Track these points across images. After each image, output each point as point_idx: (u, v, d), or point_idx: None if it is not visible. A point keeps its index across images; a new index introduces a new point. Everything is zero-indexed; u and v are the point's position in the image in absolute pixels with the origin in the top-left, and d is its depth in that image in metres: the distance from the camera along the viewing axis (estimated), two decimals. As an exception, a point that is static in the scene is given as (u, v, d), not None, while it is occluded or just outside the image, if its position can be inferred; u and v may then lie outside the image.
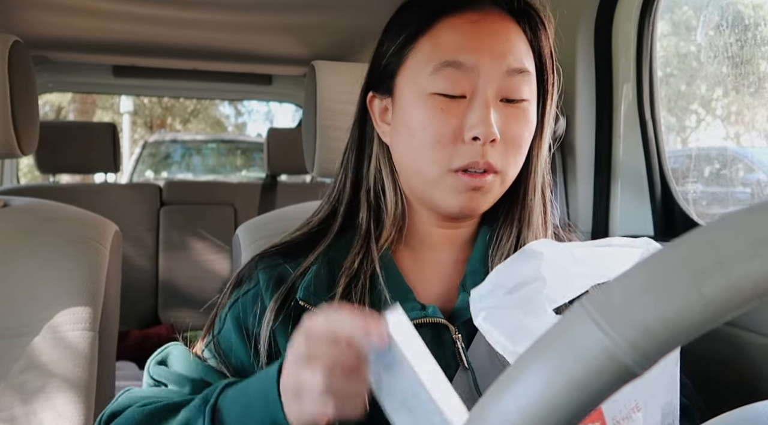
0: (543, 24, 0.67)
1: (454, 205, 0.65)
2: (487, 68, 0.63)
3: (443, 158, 0.63)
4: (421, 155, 0.65)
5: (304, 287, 0.65)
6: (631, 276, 0.26)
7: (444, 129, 0.63)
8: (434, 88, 0.63)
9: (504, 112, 0.64)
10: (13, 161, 2.59)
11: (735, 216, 0.25)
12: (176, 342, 0.70)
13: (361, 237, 0.68)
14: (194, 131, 11.81)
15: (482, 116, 0.62)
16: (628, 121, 1.21)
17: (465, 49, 0.63)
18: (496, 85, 0.63)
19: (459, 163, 0.63)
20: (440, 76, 0.63)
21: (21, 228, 0.95)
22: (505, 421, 0.26)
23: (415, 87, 0.65)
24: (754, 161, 1.76)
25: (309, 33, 1.87)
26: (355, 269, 0.66)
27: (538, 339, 0.27)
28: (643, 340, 0.24)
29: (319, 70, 0.96)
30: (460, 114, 0.63)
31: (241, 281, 0.71)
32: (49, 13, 1.67)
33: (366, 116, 0.72)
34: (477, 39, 0.63)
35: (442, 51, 0.63)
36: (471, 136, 0.62)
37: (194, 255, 2.29)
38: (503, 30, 0.64)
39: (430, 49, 0.64)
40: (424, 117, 0.64)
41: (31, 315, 0.86)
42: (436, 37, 0.64)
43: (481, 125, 0.61)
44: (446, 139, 0.63)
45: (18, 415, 0.82)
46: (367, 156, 0.72)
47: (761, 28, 1.19)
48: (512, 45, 0.64)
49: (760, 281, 0.23)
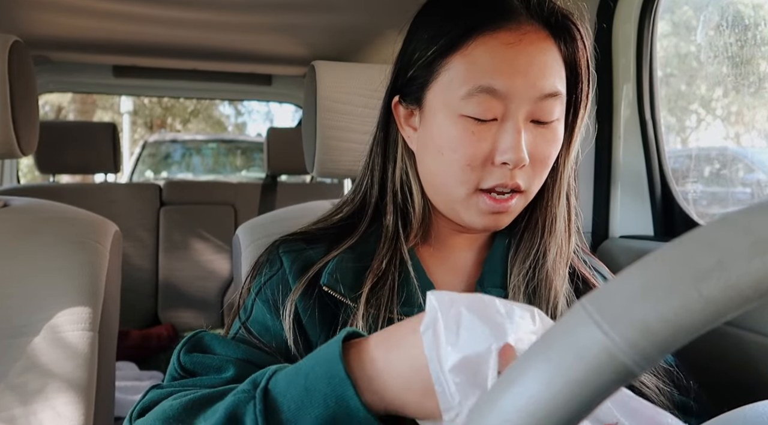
0: (580, 36, 0.66)
1: (478, 223, 0.66)
2: (520, 94, 0.62)
3: (472, 180, 0.64)
4: (450, 175, 0.65)
5: (329, 273, 0.66)
6: (631, 276, 0.26)
7: (475, 153, 0.63)
8: (466, 112, 0.62)
9: (533, 133, 0.64)
10: (13, 161, 2.59)
11: (735, 216, 0.25)
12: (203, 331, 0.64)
13: (389, 239, 0.69)
14: (194, 131, 11.82)
15: (514, 141, 0.61)
16: (628, 121, 1.21)
17: (501, 76, 0.61)
18: (528, 109, 0.63)
19: (487, 185, 0.64)
20: (474, 101, 0.62)
21: (21, 228, 0.95)
22: (505, 421, 0.26)
23: (447, 106, 0.64)
24: (754, 161, 1.76)
25: (309, 33, 1.87)
26: (383, 269, 0.66)
27: (538, 339, 0.27)
28: (643, 340, 0.24)
29: (319, 70, 0.96)
30: (491, 138, 0.63)
31: (261, 267, 0.70)
32: (49, 13, 1.67)
33: (390, 118, 0.72)
34: (513, 64, 0.62)
35: (477, 74, 0.62)
36: (501, 161, 0.62)
37: (194, 255, 2.29)
38: (539, 53, 0.63)
39: (464, 70, 0.63)
40: (455, 138, 0.63)
41: (30, 315, 0.86)
42: (471, 57, 0.63)
43: (512, 151, 0.61)
44: (476, 162, 0.63)
45: (17, 415, 0.82)
46: (392, 159, 0.72)
47: (761, 28, 1.19)
48: (547, 69, 0.63)
49: (760, 282, 0.23)
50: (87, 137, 2.29)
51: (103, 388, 0.91)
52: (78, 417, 0.83)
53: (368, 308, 0.64)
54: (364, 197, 0.73)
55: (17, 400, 0.82)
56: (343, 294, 0.65)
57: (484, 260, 0.73)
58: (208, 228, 2.33)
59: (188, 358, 0.59)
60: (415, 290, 0.67)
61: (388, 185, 0.72)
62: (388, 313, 0.64)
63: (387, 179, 0.72)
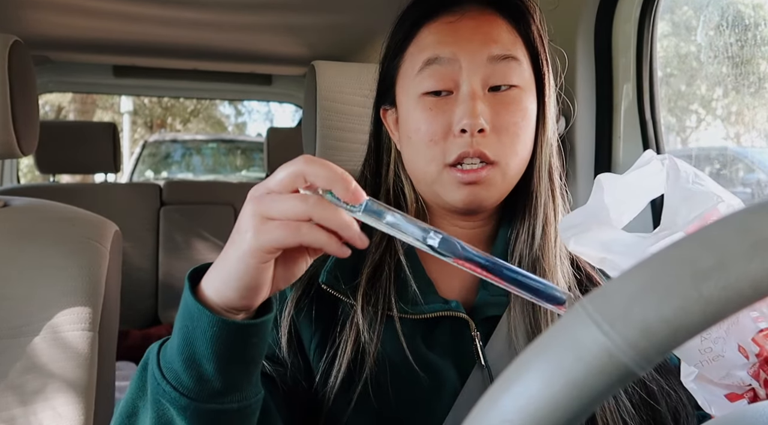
0: (527, 10, 0.68)
1: (457, 200, 0.66)
2: (467, 59, 0.64)
3: (437, 155, 0.65)
4: (419, 156, 0.66)
5: (327, 271, 0.66)
6: (631, 276, 0.26)
7: (434, 127, 0.64)
8: (422, 88, 0.65)
9: (492, 101, 0.64)
10: (13, 161, 2.59)
11: (735, 216, 0.25)
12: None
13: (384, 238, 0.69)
14: (194, 131, 11.82)
15: (468, 108, 0.63)
16: (628, 121, 1.21)
17: (443, 45, 0.65)
18: (480, 75, 0.64)
19: (451, 157, 0.64)
20: (425, 75, 0.65)
21: (21, 228, 0.95)
22: (505, 421, 0.26)
23: (408, 92, 0.67)
24: (754, 161, 1.76)
25: (309, 33, 1.87)
26: (377, 260, 0.67)
27: (537, 339, 0.28)
28: (643, 340, 0.24)
29: (319, 70, 0.96)
30: (449, 110, 0.64)
31: None
32: (49, 13, 1.67)
33: (380, 127, 0.75)
34: (454, 34, 0.65)
35: (424, 52, 0.66)
36: (459, 129, 0.63)
37: (194, 255, 2.29)
38: (483, 23, 0.66)
39: (416, 55, 0.67)
40: (417, 119, 0.66)
41: (31, 315, 0.86)
42: (419, 42, 0.67)
43: (467, 116, 0.62)
44: (438, 136, 0.64)
45: (17, 415, 0.82)
46: (385, 164, 0.74)
47: (761, 28, 1.19)
48: (493, 34, 0.65)
49: (760, 282, 0.23)
50: (87, 137, 2.29)
51: (103, 388, 0.91)
52: (78, 417, 0.83)
53: (366, 304, 0.64)
54: None
55: (17, 400, 0.82)
56: (344, 292, 0.65)
57: None
58: (208, 228, 2.33)
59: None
60: (411, 289, 0.66)
61: (382, 186, 0.73)
62: (387, 311, 0.65)
63: (381, 182, 0.74)
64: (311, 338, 0.65)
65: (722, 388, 0.48)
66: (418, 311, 0.65)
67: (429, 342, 0.66)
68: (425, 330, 0.66)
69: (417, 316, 0.65)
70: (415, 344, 0.64)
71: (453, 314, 0.66)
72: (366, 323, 0.63)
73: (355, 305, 0.65)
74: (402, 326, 0.64)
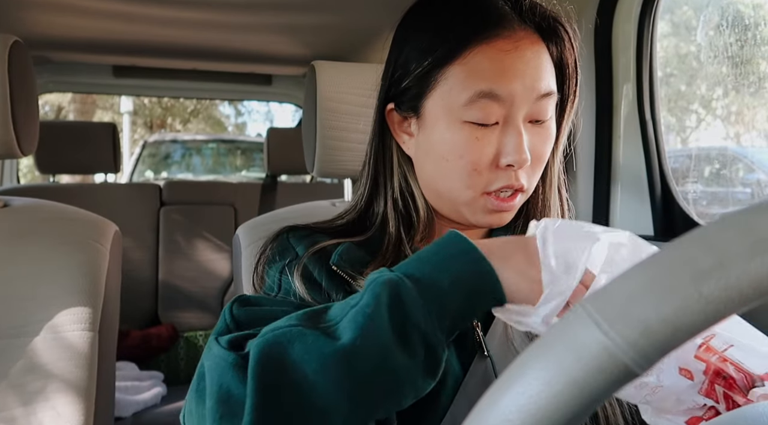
0: (569, 37, 0.69)
1: (483, 223, 0.69)
2: (519, 97, 0.64)
3: (479, 184, 0.66)
4: (456, 180, 0.67)
5: (338, 254, 0.67)
6: (631, 276, 0.26)
7: (480, 158, 0.64)
8: (469, 118, 0.64)
9: (531, 132, 0.66)
10: (13, 161, 2.59)
11: (735, 216, 0.25)
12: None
13: (393, 244, 0.70)
14: (194, 131, 11.82)
15: (516, 144, 0.64)
16: (628, 121, 1.21)
17: (501, 81, 0.63)
18: (526, 110, 0.65)
19: (493, 188, 0.66)
20: (476, 107, 0.63)
21: (21, 228, 0.95)
22: (505, 421, 0.26)
23: (449, 114, 0.65)
24: (754, 161, 1.76)
25: (309, 33, 1.87)
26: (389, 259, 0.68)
27: (537, 339, 0.28)
28: (643, 340, 0.24)
29: (319, 70, 0.96)
30: (495, 141, 0.64)
31: (275, 255, 0.71)
32: (49, 13, 1.67)
33: (384, 126, 0.73)
34: (511, 69, 0.63)
35: (477, 81, 0.63)
36: (506, 163, 0.64)
37: (194, 255, 2.29)
38: (534, 56, 0.65)
39: (464, 78, 0.64)
40: (459, 145, 0.65)
41: (31, 315, 0.86)
42: (470, 65, 0.64)
43: (516, 152, 0.63)
44: (482, 167, 0.65)
45: (18, 416, 0.82)
46: (389, 166, 0.74)
47: (761, 28, 1.19)
48: (541, 71, 0.65)
49: (760, 281, 0.23)
50: (87, 137, 2.29)
51: (103, 388, 0.91)
52: (78, 417, 0.84)
53: None
54: (368, 206, 0.75)
55: (17, 400, 0.82)
56: (351, 275, 0.66)
57: None
58: (208, 228, 2.33)
59: (242, 311, 0.57)
60: None
61: (388, 192, 0.73)
62: None
63: (387, 187, 0.73)
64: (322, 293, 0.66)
65: (681, 415, 0.48)
66: None
67: None
68: None
69: None
70: None
71: None
72: None
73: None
74: None
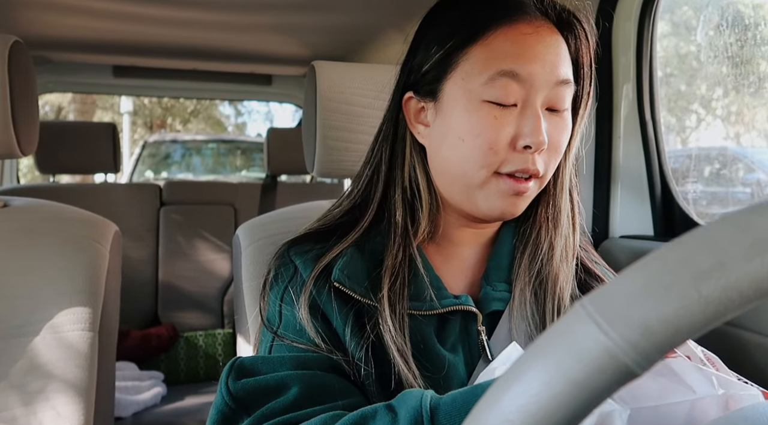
0: (585, 35, 0.69)
1: (497, 208, 0.67)
2: (539, 79, 0.64)
3: (493, 163, 0.65)
4: (470, 160, 0.66)
5: (339, 269, 0.67)
6: (631, 276, 0.26)
7: (498, 137, 0.64)
8: (488, 97, 0.64)
9: (549, 120, 0.66)
10: (13, 161, 2.59)
11: (734, 216, 0.25)
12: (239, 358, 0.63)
13: (399, 235, 0.70)
14: (194, 131, 11.82)
15: (535, 125, 0.64)
16: (628, 121, 1.21)
17: (521, 60, 0.64)
18: (544, 95, 0.65)
19: (509, 169, 0.65)
20: (496, 86, 0.64)
21: (21, 228, 0.95)
22: (505, 421, 0.26)
23: (468, 94, 0.65)
24: (754, 161, 1.76)
25: (309, 33, 1.87)
26: (397, 266, 0.68)
27: (538, 339, 0.28)
28: (643, 340, 0.24)
29: (319, 70, 0.96)
30: (514, 122, 0.64)
31: (277, 276, 0.71)
32: (49, 13, 1.67)
33: (399, 114, 0.73)
34: (532, 50, 0.64)
35: (498, 61, 0.64)
36: (523, 144, 0.64)
37: (194, 255, 2.29)
38: (554, 42, 0.66)
39: (485, 58, 0.65)
40: (477, 124, 0.65)
41: (31, 315, 0.86)
42: (492, 46, 0.65)
43: (534, 134, 0.63)
44: (499, 146, 0.64)
45: (18, 415, 0.82)
46: (401, 155, 0.73)
47: (761, 28, 1.19)
48: (561, 58, 0.66)
49: (760, 282, 0.23)
50: (87, 137, 2.29)
51: (103, 388, 0.91)
52: (78, 417, 0.84)
53: (392, 308, 0.65)
54: (367, 193, 0.74)
55: (18, 400, 0.82)
56: (352, 289, 0.66)
57: (489, 256, 0.74)
58: (208, 228, 2.33)
59: (239, 386, 0.57)
60: (425, 286, 0.68)
61: (397, 180, 0.72)
62: (401, 309, 0.66)
63: (396, 176, 0.73)
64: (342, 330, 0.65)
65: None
66: (433, 307, 0.67)
67: (440, 336, 0.68)
68: (437, 325, 0.68)
69: (432, 312, 0.67)
70: (430, 339, 0.66)
71: (463, 309, 0.68)
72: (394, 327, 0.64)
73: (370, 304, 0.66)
74: (417, 322, 0.66)
